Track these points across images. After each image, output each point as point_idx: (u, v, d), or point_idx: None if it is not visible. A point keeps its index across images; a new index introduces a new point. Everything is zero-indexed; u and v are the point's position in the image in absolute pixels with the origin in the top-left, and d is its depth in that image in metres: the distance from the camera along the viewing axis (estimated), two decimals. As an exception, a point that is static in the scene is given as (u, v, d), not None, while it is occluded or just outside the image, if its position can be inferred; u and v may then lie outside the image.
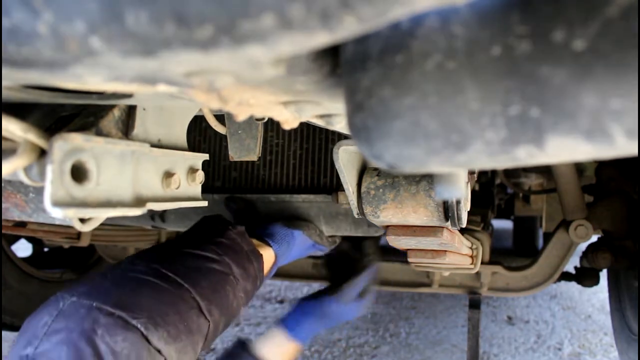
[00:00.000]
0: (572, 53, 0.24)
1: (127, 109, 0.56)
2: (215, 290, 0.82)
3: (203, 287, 0.80)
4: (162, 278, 0.77)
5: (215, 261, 0.86)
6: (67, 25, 0.23)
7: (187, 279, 0.79)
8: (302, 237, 1.10)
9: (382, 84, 0.29)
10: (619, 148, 0.26)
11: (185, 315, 0.76)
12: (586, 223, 1.40)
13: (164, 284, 0.76)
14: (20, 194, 0.55)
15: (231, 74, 0.29)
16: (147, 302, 0.72)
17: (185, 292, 0.77)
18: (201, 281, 0.81)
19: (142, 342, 0.68)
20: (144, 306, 0.71)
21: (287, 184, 1.13)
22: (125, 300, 0.70)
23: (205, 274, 0.83)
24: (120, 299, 0.70)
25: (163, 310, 0.73)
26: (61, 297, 0.71)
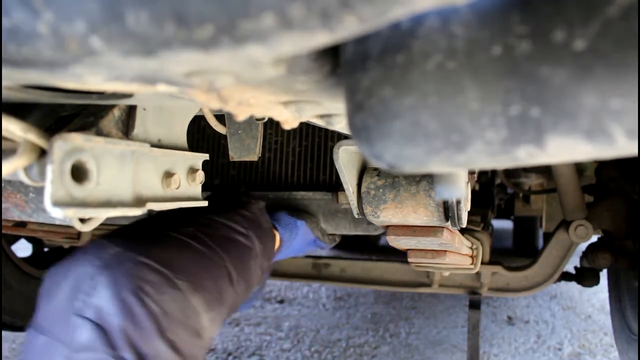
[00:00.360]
0: (573, 53, 0.24)
1: (127, 109, 0.56)
2: (243, 262, 0.82)
3: (234, 257, 0.80)
4: (201, 242, 0.76)
5: (242, 234, 0.85)
6: (67, 25, 0.23)
7: (222, 247, 0.78)
8: (304, 228, 1.10)
9: (383, 84, 0.29)
10: (619, 148, 0.26)
11: (219, 282, 0.75)
12: (586, 223, 1.40)
13: (202, 247, 0.75)
14: (20, 194, 0.55)
15: (231, 74, 0.29)
16: (188, 264, 0.70)
17: (220, 259, 0.77)
18: (232, 251, 0.80)
19: (186, 302, 0.67)
20: (185, 268, 0.70)
21: (286, 181, 1.13)
22: (169, 259, 0.69)
23: (235, 245, 0.83)
24: (165, 257, 0.69)
25: (202, 276, 0.72)
26: (101, 246, 0.68)
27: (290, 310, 2.79)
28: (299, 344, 2.31)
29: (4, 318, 1.71)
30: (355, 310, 2.80)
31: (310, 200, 1.12)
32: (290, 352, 2.23)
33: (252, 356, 2.18)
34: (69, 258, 0.69)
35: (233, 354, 2.20)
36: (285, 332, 2.46)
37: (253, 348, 2.27)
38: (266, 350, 2.25)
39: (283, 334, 2.43)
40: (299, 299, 3.00)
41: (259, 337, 2.40)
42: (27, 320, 1.87)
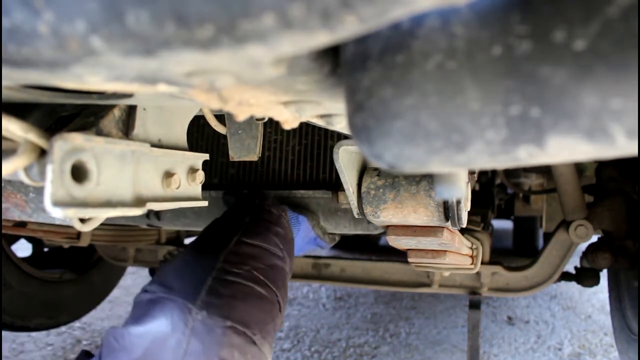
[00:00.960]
0: (573, 53, 0.24)
1: (128, 108, 0.56)
2: (285, 287, 0.89)
3: (280, 287, 0.87)
4: (259, 283, 0.82)
5: (280, 258, 0.91)
6: (67, 25, 0.23)
7: (273, 282, 0.85)
8: (306, 225, 1.11)
9: (383, 84, 0.29)
10: (619, 148, 0.26)
11: (276, 317, 0.83)
12: (586, 223, 1.40)
13: (261, 289, 0.81)
14: (21, 194, 0.55)
15: (231, 74, 0.29)
16: (256, 314, 0.77)
17: (274, 295, 0.84)
18: (278, 281, 0.87)
19: (261, 354, 0.74)
20: (256, 319, 0.77)
21: (286, 180, 1.13)
22: (246, 316, 0.76)
23: (279, 272, 0.89)
24: (242, 315, 0.75)
25: (266, 321, 0.79)
26: (186, 309, 0.72)
27: (290, 310, 2.79)
28: (299, 344, 2.31)
29: (4, 318, 1.71)
30: (355, 310, 2.80)
31: (310, 198, 1.12)
32: (290, 352, 2.23)
33: (252, 356, 2.18)
34: (146, 317, 0.72)
35: (233, 354, 2.19)
36: (285, 332, 2.46)
37: (253, 348, 2.26)
38: (266, 350, 2.24)
39: (283, 334, 2.43)
40: (299, 299, 3.00)
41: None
42: (27, 320, 1.87)
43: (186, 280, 0.79)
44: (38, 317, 1.84)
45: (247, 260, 0.84)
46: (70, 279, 2.00)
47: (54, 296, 1.92)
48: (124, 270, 2.36)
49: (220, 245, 0.87)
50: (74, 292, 2.02)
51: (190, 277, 0.79)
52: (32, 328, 1.84)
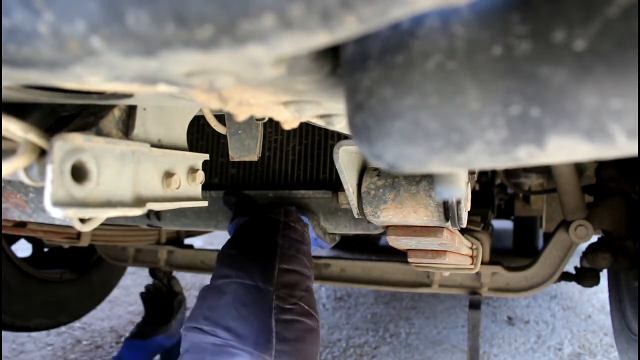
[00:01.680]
0: (573, 53, 0.24)
1: (127, 109, 0.56)
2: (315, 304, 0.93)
3: (315, 309, 0.91)
4: (308, 316, 0.87)
5: (309, 277, 0.95)
6: (67, 25, 0.23)
7: (314, 308, 0.89)
8: (308, 225, 1.12)
9: (383, 84, 0.29)
10: (619, 148, 0.26)
11: (317, 344, 0.89)
12: (586, 223, 1.40)
13: (310, 322, 0.87)
14: (21, 194, 0.55)
15: (231, 74, 0.29)
16: (313, 351, 0.83)
17: (317, 323, 0.90)
18: (313, 304, 0.91)
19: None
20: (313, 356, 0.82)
21: (286, 180, 1.13)
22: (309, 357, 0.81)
23: (313, 294, 0.93)
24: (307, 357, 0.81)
25: (316, 352, 0.86)
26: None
27: (290, 311, 2.78)
28: (299, 344, 2.31)
29: (4, 318, 1.71)
30: (355, 310, 2.80)
31: (310, 198, 1.12)
32: (290, 352, 2.22)
33: (252, 356, 2.18)
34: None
35: (233, 354, 2.19)
36: (285, 332, 2.45)
37: (253, 348, 2.26)
38: (266, 350, 2.24)
39: (283, 334, 2.43)
40: (299, 299, 2.99)
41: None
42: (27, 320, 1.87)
43: (252, 324, 0.81)
44: (38, 317, 1.84)
45: (293, 292, 0.88)
46: (70, 279, 2.00)
47: (54, 296, 1.92)
48: (124, 270, 2.37)
49: (265, 275, 0.89)
50: (74, 292, 2.02)
51: (253, 321, 0.82)
52: (32, 328, 1.84)
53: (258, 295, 0.85)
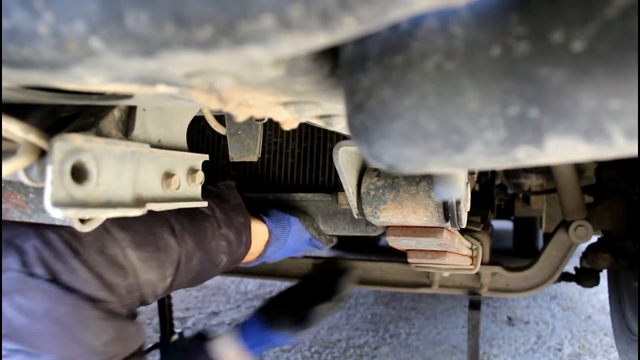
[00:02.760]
0: (571, 54, 0.24)
1: (127, 109, 0.56)
2: (192, 221, 0.82)
3: (181, 215, 0.80)
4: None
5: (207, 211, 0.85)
6: (67, 26, 0.23)
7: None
8: (298, 225, 1.09)
9: (382, 85, 0.29)
10: (618, 148, 0.26)
11: (155, 229, 0.75)
12: (586, 223, 1.40)
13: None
14: (21, 195, 0.55)
15: (231, 74, 0.29)
16: None
17: (160, 213, 0.75)
18: (180, 211, 0.79)
19: (105, 232, 0.69)
20: None
21: (286, 183, 1.13)
22: None
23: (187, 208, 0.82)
24: None
25: (132, 218, 0.71)
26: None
27: (290, 311, 2.78)
28: (299, 344, 2.31)
29: (4, 319, 1.71)
30: (355, 311, 2.80)
31: (310, 201, 1.12)
32: (290, 352, 2.23)
33: (252, 357, 2.18)
34: None
35: (233, 355, 2.19)
36: (285, 333, 2.45)
37: (253, 349, 2.26)
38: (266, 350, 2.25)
39: (283, 335, 2.43)
40: (299, 299, 2.99)
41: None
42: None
43: None
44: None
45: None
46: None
47: (54, 297, 1.91)
48: (124, 271, 2.36)
49: None
50: (74, 293, 2.01)
51: None
52: (32, 329, 1.84)
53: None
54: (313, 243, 1.18)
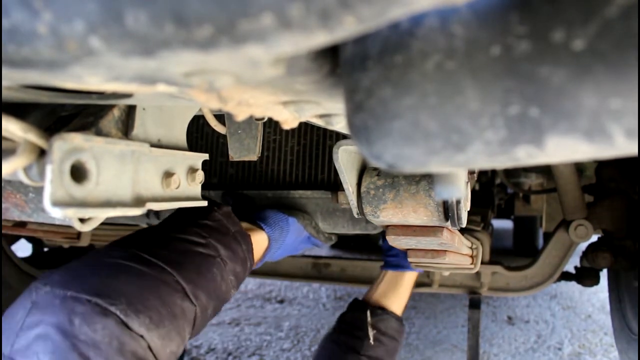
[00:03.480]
0: (572, 53, 0.24)
1: (127, 108, 0.56)
2: (200, 273, 0.79)
3: (187, 270, 0.77)
4: (143, 262, 0.73)
5: (201, 244, 0.82)
6: (66, 26, 0.23)
7: (170, 263, 0.75)
8: (296, 225, 1.09)
9: (382, 84, 0.29)
10: (618, 148, 0.26)
11: (168, 299, 0.72)
12: (586, 223, 1.40)
13: (144, 268, 0.72)
14: (20, 194, 0.55)
15: (231, 74, 0.29)
16: (125, 288, 0.68)
17: (168, 275, 0.74)
18: (185, 264, 0.77)
19: (122, 328, 0.65)
20: (122, 292, 0.67)
21: (285, 180, 1.13)
22: (102, 287, 0.67)
23: (190, 257, 0.79)
24: (97, 286, 0.66)
25: (143, 296, 0.69)
26: (34, 288, 0.68)
27: (290, 310, 2.79)
28: (299, 344, 2.31)
29: (4, 318, 1.71)
30: (355, 310, 2.80)
31: (309, 199, 1.12)
32: (290, 352, 2.23)
33: (252, 356, 2.18)
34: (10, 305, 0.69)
35: (233, 354, 2.20)
36: (285, 332, 2.46)
37: (253, 348, 2.27)
38: (266, 350, 2.25)
39: (283, 334, 2.43)
40: (299, 299, 3.00)
41: (259, 337, 2.40)
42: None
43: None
44: (38, 317, 1.84)
45: (136, 245, 0.76)
46: (70, 279, 2.00)
47: (54, 296, 1.92)
48: (124, 270, 2.36)
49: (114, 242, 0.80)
50: (74, 292, 2.02)
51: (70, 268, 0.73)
52: (32, 328, 1.84)
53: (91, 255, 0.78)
54: (312, 241, 1.18)
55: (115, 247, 0.78)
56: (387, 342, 1.14)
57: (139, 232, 0.84)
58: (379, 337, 1.13)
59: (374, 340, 1.12)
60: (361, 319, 1.15)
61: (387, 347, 1.14)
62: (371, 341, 1.12)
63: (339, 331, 1.17)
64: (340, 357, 1.10)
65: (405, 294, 1.24)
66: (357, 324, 1.15)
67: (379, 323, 1.15)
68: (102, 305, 0.65)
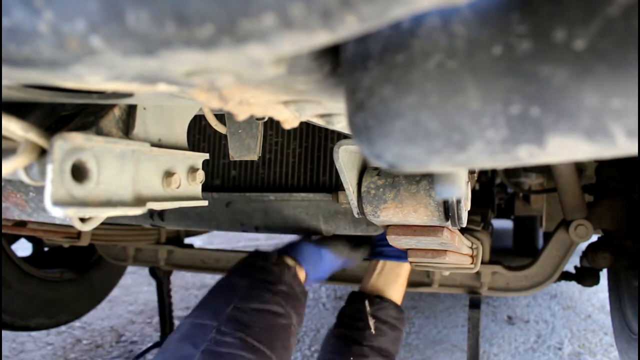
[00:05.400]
0: (573, 52, 0.24)
1: (128, 108, 0.56)
2: (286, 348, 0.92)
3: (278, 347, 0.90)
4: (250, 349, 0.85)
5: (281, 315, 0.94)
6: (67, 25, 0.23)
7: (267, 345, 0.87)
8: (329, 256, 1.15)
9: (383, 84, 0.29)
10: (619, 148, 0.26)
11: None
12: (586, 223, 1.40)
13: (252, 356, 0.84)
14: (21, 193, 0.55)
15: (232, 73, 0.29)
16: None
17: (268, 359, 0.87)
18: (276, 342, 0.90)
19: None
20: None
21: (287, 183, 1.13)
22: None
23: (278, 332, 0.92)
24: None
25: None
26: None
27: (290, 310, 2.78)
28: (299, 344, 2.31)
29: (4, 318, 1.71)
30: (355, 310, 2.80)
31: (310, 202, 1.12)
32: (290, 352, 2.23)
33: (252, 356, 2.18)
34: (173, 341, 0.82)
35: (233, 354, 2.19)
36: (285, 332, 2.45)
37: (253, 347, 2.26)
38: (266, 349, 2.24)
39: (283, 334, 2.43)
40: (299, 298, 2.99)
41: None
42: (27, 319, 1.87)
43: (174, 355, 0.83)
44: (38, 317, 1.84)
45: (244, 328, 0.87)
46: (70, 279, 2.00)
47: (54, 296, 1.92)
48: (124, 270, 2.37)
49: (215, 313, 0.90)
50: (74, 292, 2.02)
51: (175, 353, 0.83)
52: (33, 327, 1.84)
53: (198, 330, 0.87)
54: (346, 262, 1.24)
55: (222, 328, 0.87)
56: (389, 331, 1.15)
57: (228, 299, 0.94)
58: (379, 326, 1.14)
59: (375, 329, 1.13)
60: (360, 309, 1.16)
61: (389, 336, 1.15)
62: (372, 331, 1.13)
63: (339, 326, 1.19)
64: (344, 350, 1.12)
65: (404, 284, 1.24)
66: (356, 315, 1.16)
67: (378, 312, 1.15)
68: None
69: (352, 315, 1.17)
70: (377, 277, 1.23)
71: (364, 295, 1.19)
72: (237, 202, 1.16)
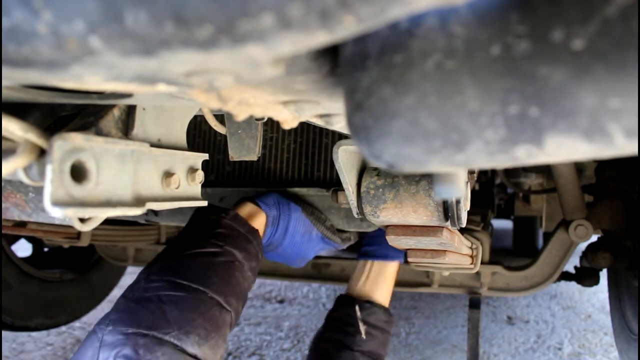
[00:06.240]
0: (571, 52, 0.24)
1: (127, 108, 0.56)
2: (227, 282, 0.88)
3: (215, 283, 0.86)
4: (179, 288, 0.84)
5: (219, 254, 0.90)
6: (66, 25, 0.23)
7: (200, 281, 0.85)
8: (300, 215, 1.08)
9: (382, 84, 0.29)
10: (618, 147, 0.26)
11: (209, 315, 0.83)
12: (586, 223, 1.40)
13: (182, 293, 0.83)
14: (20, 194, 0.55)
15: (231, 73, 0.29)
16: (172, 316, 0.80)
17: (202, 294, 0.84)
18: (212, 278, 0.87)
19: (177, 353, 0.77)
20: (171, 320, 0.79)
21: (281, 178, 1.14)
22: (154, 320, 0.78)
23: (214, 269, 0.89)
24: (150, 320, 0.78)
25: (188, 318, 0.80)
26: (98, 330, 0.79)
27: (290, 310, 2.79)
28: (299, 344, 2.31)
29: (4, 318, 1.71)
30: (355, 310, 2.80)
31: (305, 196, 1.12)
32: (290, 352, 2.23)
33: (252, 356, 2.18)
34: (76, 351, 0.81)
35: (233, 354, 2.20)
36: (285, 332, 2.46)
37: (253, 348, 2.27)
38: (266, 350, 2.25)
39: (283, 334, 2.43)
40: (299, 298, 3.00)
41: (259, 337, 2.40)
42: (27, 320, 1.87)
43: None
44: (38, 317, 1.84)
45: (170, 273, 0.86)
46: (70, 279, 2.00)
47: (54, 296, 1.92)
48: (124, 270, 2.37)
49: (148, 267, 0.90)
50: (74, 292, 2.02)
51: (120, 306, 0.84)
52: (33, 328, 1.84)
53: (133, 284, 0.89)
54: (326, 242, 1.16)
55: (151, 276, 0.87)
56: (379, 335, 1.16)
57: (163, 254, 0.93)
58: (370, 330, 1.15)
59: (366, 334, 1.14)
60: (350, 314, 1.16)
61: (378, 340, 1.16)
62: (363, 336, 1.13)
63: (329, 329, 1.19)
64: (335, 355, 1.12)
65: (391, 284, 1.24)
66: (347, 320, 1.16)
67: (369, 317, 1.16)
68: (158, 336, 0.77)
69: (342, 320, 1.17)
70: (365, 279, 1.23)
71: (353, 299, 1.19)
72: (231, 197, 1.16)
